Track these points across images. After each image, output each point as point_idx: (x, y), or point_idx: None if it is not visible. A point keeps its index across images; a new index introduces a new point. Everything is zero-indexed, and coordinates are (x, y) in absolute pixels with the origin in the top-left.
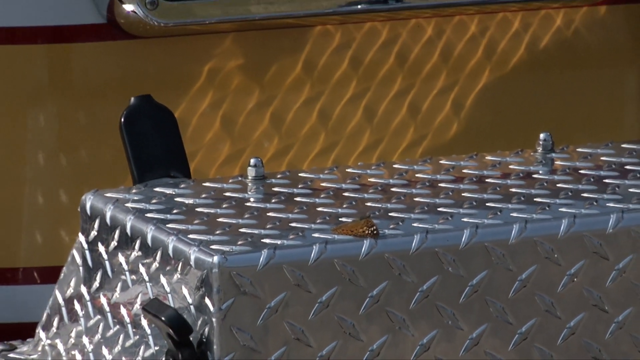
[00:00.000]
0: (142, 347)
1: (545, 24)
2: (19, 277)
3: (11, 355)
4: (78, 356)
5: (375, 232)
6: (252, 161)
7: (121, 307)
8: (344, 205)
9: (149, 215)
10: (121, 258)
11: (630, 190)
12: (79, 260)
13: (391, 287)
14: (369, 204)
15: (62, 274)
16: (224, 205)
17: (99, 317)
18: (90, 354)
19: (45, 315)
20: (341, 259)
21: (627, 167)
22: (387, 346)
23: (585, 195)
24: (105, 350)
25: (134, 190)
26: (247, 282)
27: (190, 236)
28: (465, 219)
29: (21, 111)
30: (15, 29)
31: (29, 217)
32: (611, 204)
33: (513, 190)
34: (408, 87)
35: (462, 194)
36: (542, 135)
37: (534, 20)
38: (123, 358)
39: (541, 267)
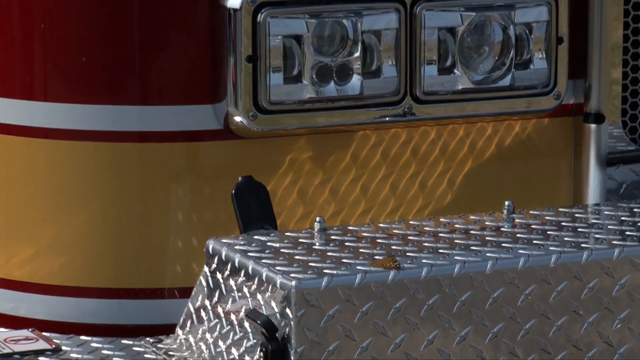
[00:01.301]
0: (245, 341)
1: (508, 130)
2: (165, 294)
3: (159, 345)
4: (203, 347)
5: (397, 265)
6: (317, 219)
7: (231, 314)
8: (377, 248)
9: (250, 254)
10: (231, 282)
11: (565, 239)
12: (204, 283)
13: (408, 302)
14: (393, 247)
15: (193, 292)
16: (298, 248)
17: (216, 320)
18: (211, 345)
19: (181, 319)
20: (375, 283)
21: (562, 223)
22: (406, 341)
23: (535, 242)
24: (220, 343)
25: (240, 238)
26: (313, 298)
27: (277, 268)
28: (456, 257)
29: (168, 186)
30: (164, 132)
31: (173, 255)
32: (552, 248)
33: (487, 238)
34: (418, 171)
35: (455, 241)
36: (506, 203)
37: (501, 128)
38: (232, 348)
39: (506, 289)
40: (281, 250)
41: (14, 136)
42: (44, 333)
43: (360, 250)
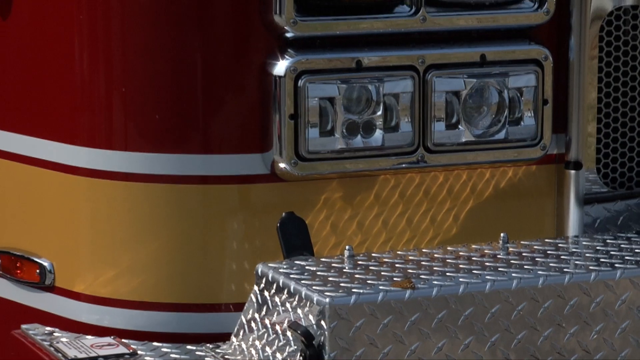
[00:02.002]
0: (287, 347)
1: (503, 175)
2: (222, 308)
3: (217, 350)
4: (253, 352)
5: (413, 286)
6: (347, 247)
7: (276, 325)
8: (396, 272)
9: (291, 276)
10: (276, 299)
11: (550, 264)
12: (254, 299)
13: (421, 316)
14: (409, 270)
15: (245, 306)
16: (331, 271)
17: (264, 330)
18: (260, 351)
19: (236, 328)
20: (394, 300)
21: (548, 252)
22: (419, 348)
23: (525, 267)
24: (267, 348)
25: (283, 263)
26: (344, 313)
27: (314, 287)
28: (461, 279)
29: (224, 220)
30: (221, 176)
31: (229, 276)
32: (540, 272)
33: (486, 264)
34: (429, 208)
35: (459, 266)
36: (502, 234)
37: (497, 173)
38: (277, 353)
39: (502, 305)
40: (317, 273)
41: (99, 179)
42: (123, 340)
43: (382, 273)
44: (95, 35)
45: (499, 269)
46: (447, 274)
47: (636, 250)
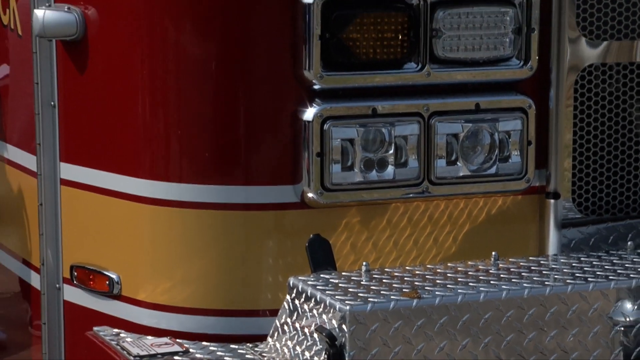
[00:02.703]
0: (314, 346)
1: (494, 203)
2: (260, 313)
3: (256, 348)
4: (285, 350)
5: (419, 296)
6: (364, 264)
7: (305, 328)
8: (405, 284)
9: (317, 287)
10: (305, 306)
11: (534, 278)
12: (286, 306)
13: (426, 321)
14: (416, 283)
15: (279, 312)
16: (351, 283)
17: (295, 332)
18: (291, 349)
19: (271, 330)
20: (404, 308)
21: (532, 268)
22: (424, 348)
23: (513, 280)
24: (297, 347)
25: (311, 276)
26: (361, 318)
27: (336, 297)
28: (459, 290)
29: (262, 240)
30: (260, 204)
31: (265, 287)
32: (525, 284)
33: (480, 277)
34: (432, 231)
35: (457, 279)
36: (493, 253)
37: (489, 202)
38: (306, 351)
39: (494, 312)
40: (339, 284)
41: (158, 206)
42: (177, 340)
43: (393, 285)
44: (155, 86)
45: (491, 281)
46: (448, 285)
47: (605, 267)
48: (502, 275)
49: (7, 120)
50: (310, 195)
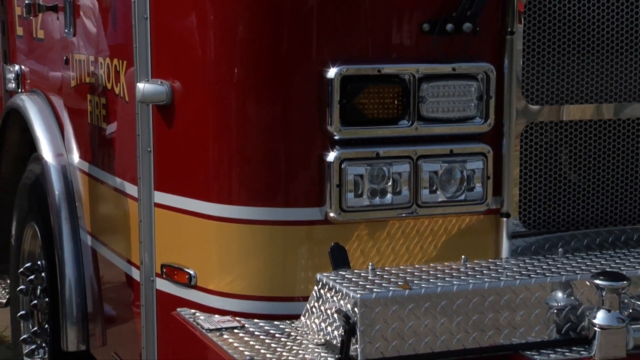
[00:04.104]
0: (335, 323)
1: (462, 221)
2: (296, 299)
3: (293, 324)
4: (314, 325)
5: (410, 287)
6: (370, 264)
7: (328, 310)
8: (399, 279)
9: (337, 280)
10: (328, 294)
11: (492, 274)
12: (314, 294)
13: (415, 305)
14: (408, 278)
15: (309, 298)
16: (360, 278)
17: (320, 312)
18: (318, 325)
19: (304, 311)
20: (399, 297)
21: (490, 267)
22: (413, 325)
23: (477, 276)
24: (322, 324)
25: (332, 273)
26: (368, 303)
27: (350, 288)
28: (438, 283)
29: (297, 247)
30: (296, 221)
31: (300, 281)
32: (486, 279)
33: (453, 274)
34: (419, 240)
35: (437, 275)
36: (463, 257)
37: (459, 220)
38: (328, 327)
39: (463, 300)
40: (352, 279)
41: (223, 222)
42: (236, 318)
43: (391, 279)
44: (221, 139)
45: (461, 277)
46: (430, 280)
47: (543, 267)
48: (469, 273)
49: (117, 160)
50: (331, 214)
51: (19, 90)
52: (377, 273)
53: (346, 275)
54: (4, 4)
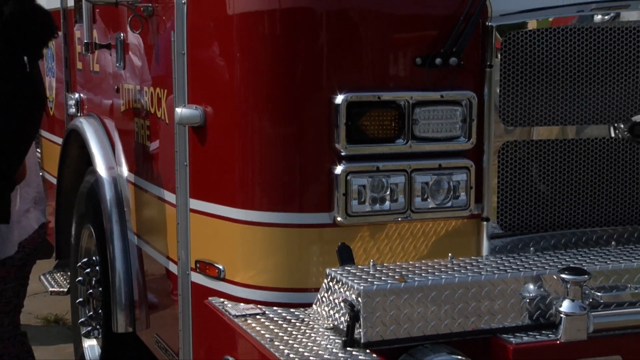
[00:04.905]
0: (341, 310)
1: (449, 224)
2: (309, 290)
3: (306, 311)
4: (324, 312)
5: (405, 281)
6: (371, 261)
7: (335, 299)
8: (396, 273)
9: (343, 275)
10: (336, 286)
11: (474, 270)
12: (324, 286)
13: (409, 296)
14: (403, 273)
15: (320, 289)
16: (363, 273)
17: (329, 301)
18: (328, 312)
19: (315, 300)
20: (396, 288)
21: (472, 264)
22: (408, 312)
23: (462, 271)
24: (331, 311)
25: (339, 268)
26: (369, 294)
27: (355, 280)
28: (429, 277)
29: (310, 246)
30: (310, 224)
31: (312, 275)
32: (469, 274)
33: (442, 269)
34: (413, 241)
35: (428, 270)
36: (450, 254)
37: (447, 223)
38: (336, 314)
39: (450, 291)
40: (356, 273)
41: (246, 225)
42: (258, 306)
43: (389, 274)
44: (246, 156)
45: (448, 272)
46: (422, 274)
47: (517, 263)
48: (455, 268)
49: (158, 172)
50: (339, 219)
51: (78, 114)
52: (377, 268)
53: (351, 270)
54: (67, 43)
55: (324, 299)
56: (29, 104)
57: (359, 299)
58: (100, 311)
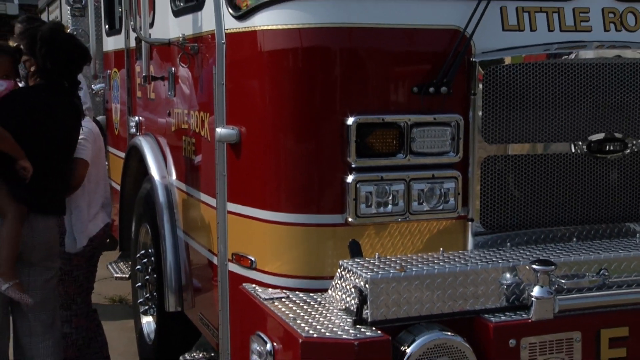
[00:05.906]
0: (352, 295)
1: (441, 224)
2: (325, 277)
3: (322, 295)
4: (337, 297)
5: (405, 270)
6: (376, 254)
7: (347, 285)
8: (397, 264)
9: (353, 265)
10: (347, 274)
11: (462, 262)
12: (338, 275)
13: (408, 283)
14: (402, 263)
15: (334, 277)
16: (370, 264)
17: (342, 287)
18: (340, 296)
19: (330, 286)
20: (397, 277)
21: (461, 257)
22: (407, 296)
23: (452, 263)
24: (343, 296)
25: (350, 260)
26: (375, 281)
27: (363, 270)
28: (425, 268)
29: (325, 242)
30: (323, 224)
31: (328, 265)
32: (458, 265)
33: (435, 261)
34: (411, 238)
35: (424, 262)
36: (441, 249)
37: (438, 223)
38: (347, 297)
39: (442, 279)
40: (364, 264)
41: (272, 224)
42: (284, 291)
43: (392, 265)
44: (274, 169)
45: (440, 263)
46: (419, 265)
47: (497, 256)
48: (445, 260)
49: (202, 180)
50: (350, 219)
51: (138, 133)
52: (382, 260)
53: (360, 262)
54: (130, 76)
55: (337, 285)
56: (77, 119)
57: (367, 285)
58: (155, 294)
